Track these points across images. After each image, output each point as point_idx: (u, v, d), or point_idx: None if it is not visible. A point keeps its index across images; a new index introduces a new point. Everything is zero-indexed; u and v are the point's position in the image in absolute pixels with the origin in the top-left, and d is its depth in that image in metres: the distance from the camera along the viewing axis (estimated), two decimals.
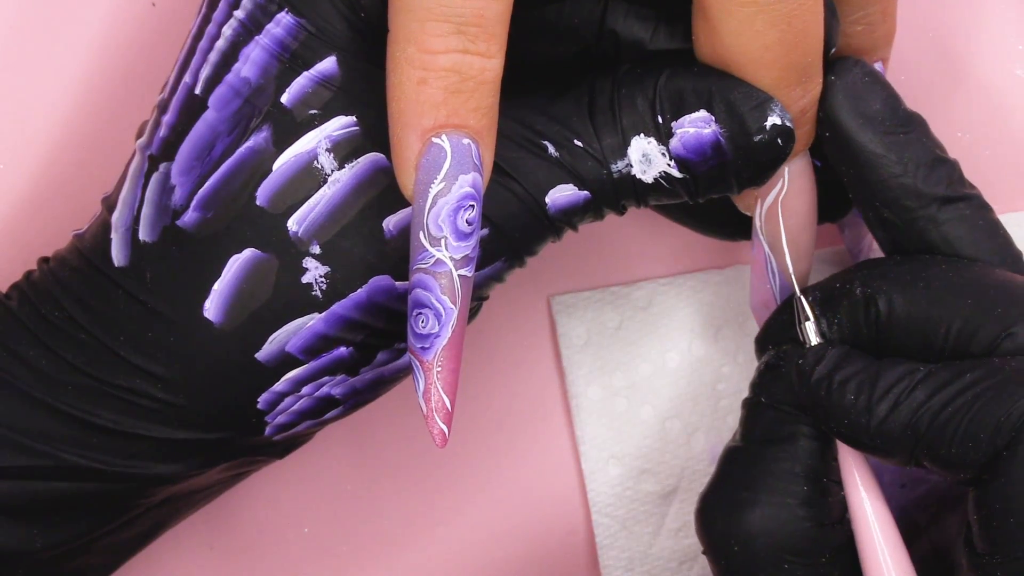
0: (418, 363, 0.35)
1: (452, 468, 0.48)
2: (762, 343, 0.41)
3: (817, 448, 0.38)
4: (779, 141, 0.37)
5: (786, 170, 0.39)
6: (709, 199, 0.38)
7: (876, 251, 0.48)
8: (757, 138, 0.36)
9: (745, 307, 0.48)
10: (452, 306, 0.34)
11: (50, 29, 0.46)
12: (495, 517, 0.48)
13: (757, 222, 0.40)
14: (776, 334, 0.40)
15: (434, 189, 0.34)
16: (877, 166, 0.38)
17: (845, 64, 0.39)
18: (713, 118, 0.36)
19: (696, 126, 0.36)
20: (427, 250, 0.34)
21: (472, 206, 0.34)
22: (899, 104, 0.39)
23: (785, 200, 0.39)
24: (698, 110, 0.36)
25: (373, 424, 0.47)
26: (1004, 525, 0.34)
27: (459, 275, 0.34)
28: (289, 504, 0.48)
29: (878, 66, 0.42)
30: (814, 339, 0.39)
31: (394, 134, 0.34)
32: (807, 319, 0.39)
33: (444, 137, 0.34)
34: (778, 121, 0.36)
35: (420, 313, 0.34)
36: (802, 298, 0.39)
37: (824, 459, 0.38)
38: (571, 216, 0.38)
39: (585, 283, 0.49)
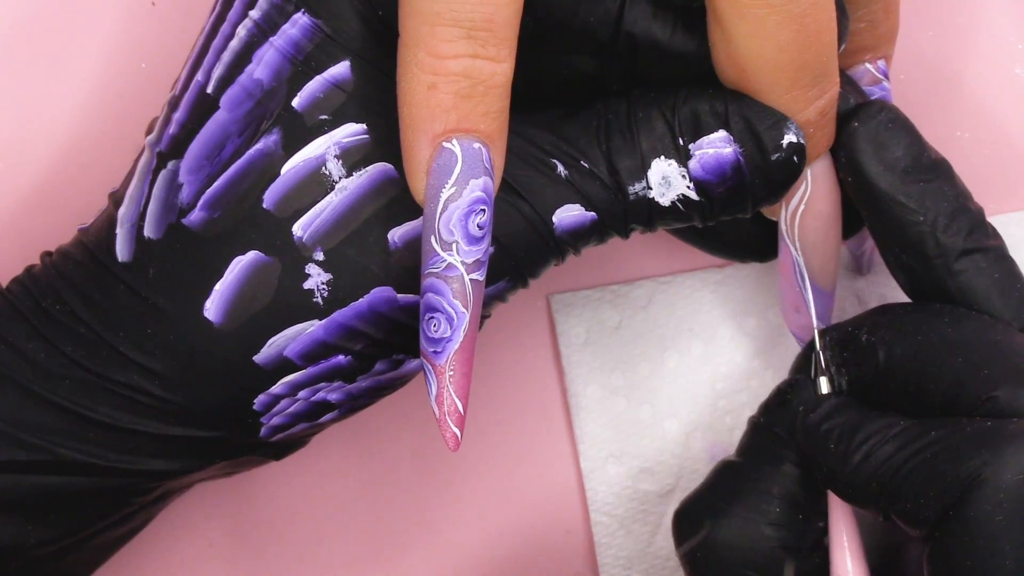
0: (430, 367, 0.35)
1: (450, 467, 0.48)
2: (796, 369, 0.42)
3: (799, 476, 0.39)
4: (795, 159, 0.37)
5: (808, 172, 0.39)
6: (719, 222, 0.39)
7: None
8: (774, 156, 0.36)
9: (744, 306, 0.48)
10: (464, 310, 0.34)
11: (51, 28, 0.46)
12: (493, 515, 0.48)
13: (783, 226, 0.40)
14: (806, 365, 0.41)
15: (445, 194, 0.34)
16: (897, 213, 0.38)
17: (869, 110, 0.39)
18: (732, 138, 0.36)
19: (715, 147, 0.36)
20: (438, 254, 0.34)
21: (483, 210, 0.34)
22: (923, 151, 0.39)
23: (809, 203, 0.39)
24: (717, 130, 0.36)
25: (372, 423, 0.47)
26: None
27: (471, 279, 0.34)
28: (289, 502, 0.47)
29: (881, 64, 0.42)
30: (824, 388, 0.39)
31: (405, 139, 0.34)
32: (821, 373, 0.40)
33: (455, 141, 0.34)
34: (794, 139, 0.36)
35: (432, 317, 0.34)
36: (820, 352, 0.40)
37: (804, 488, 0.39)
38: (576, 238, 0.38)
39: (584, 282, 0.49)
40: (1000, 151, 0.49)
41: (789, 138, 0.36)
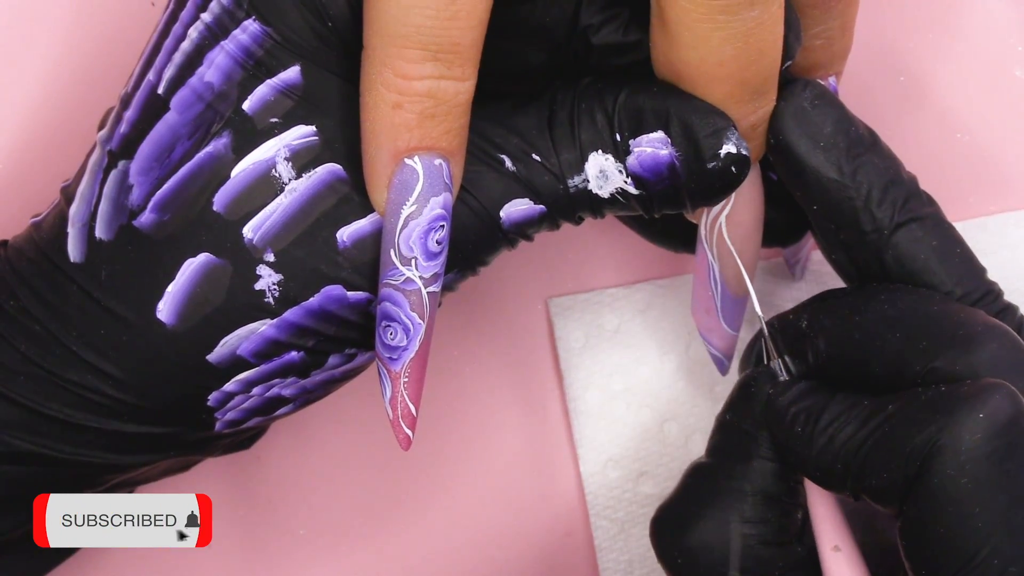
0: (386, 372, 0.36)
1: (450, 470, 0.48)
2: (744, 365, 0.42)
3: (773, 469, 0.38)
4: (733, 169, 0.36)
5: None
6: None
7: (815, 262, 0.47)
8: (711, 165, 0.36)
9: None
10: (420, 321, 0.35)
11: (47, 25, 0.47)
12: (493, 519, 0.48)
13: (702, 231, 0.40)
14: (758, 358, 0.41)
15: (406, 211, 0.34)
16: (829, 189, 0.38)
17: (793, 88, 0.38)
18: (669, 140, 0.36)
19: (653, 146, 0.36)
20: (397, 268, 0.34)
21: (442, 226, 0.34)
22: (851, 124, 0.38)
23: (731, 212, 0.39)
24: (656, 131, 0.36)
25: (370, 426, 0.48)
26: (920, 555, 0.34)
27: (428, 292, 0.35)
28: (286, 505, 0.48)
29: (831, 81, 0.42)
30: (782, 372, 0.39)
31: (367, 153, 0.35)
32: (774, 357, 0.39)
33: (417, 159, 0.34)
34: (733, 150, 0.36)
35: (389, 326, 0.35)
36: (767, 338, 0.40)
37: (780, 480, 0.38)
38: (525, 228, 0.38)
39: (583, 285, 0.49)
40: (1000, 153, 0.48)
41: (728, 148, 0.36)
